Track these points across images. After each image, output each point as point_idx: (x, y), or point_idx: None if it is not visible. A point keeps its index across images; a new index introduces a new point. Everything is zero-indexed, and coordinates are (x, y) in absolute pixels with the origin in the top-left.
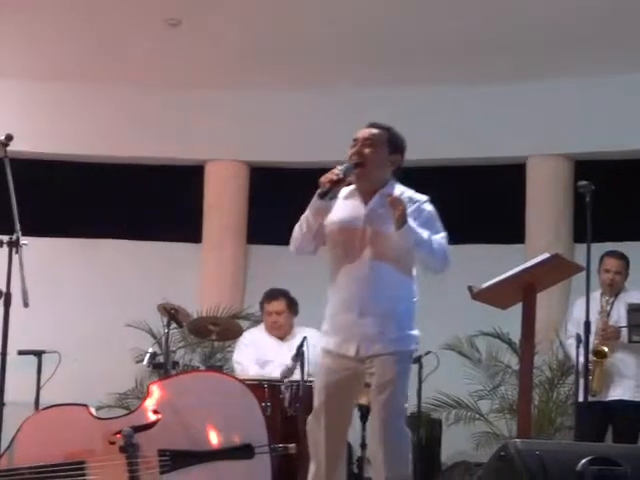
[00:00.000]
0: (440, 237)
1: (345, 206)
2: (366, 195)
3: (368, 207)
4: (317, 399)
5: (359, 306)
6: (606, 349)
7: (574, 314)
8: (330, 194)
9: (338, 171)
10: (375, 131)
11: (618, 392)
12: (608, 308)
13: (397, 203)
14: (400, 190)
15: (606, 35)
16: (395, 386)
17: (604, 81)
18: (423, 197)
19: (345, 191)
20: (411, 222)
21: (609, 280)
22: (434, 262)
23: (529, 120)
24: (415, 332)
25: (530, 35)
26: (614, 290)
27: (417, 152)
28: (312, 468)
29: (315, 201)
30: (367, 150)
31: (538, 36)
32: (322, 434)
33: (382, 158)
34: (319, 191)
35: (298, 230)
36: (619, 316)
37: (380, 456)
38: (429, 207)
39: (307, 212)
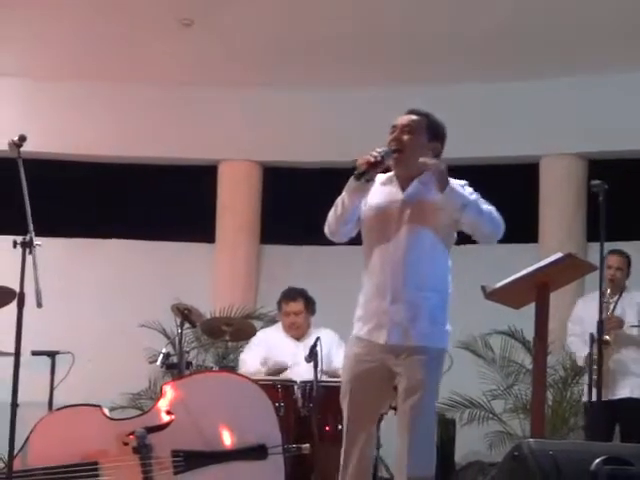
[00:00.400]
0: (489, 207)
1: (382, 191)
2: (404, 182)
3: (406, 193)
4: (343, 388)
5: (392, 292)
6: (608, 337)
7: (576, 313)
8: (366, 175)
9: (376, 153)
10: (414, 117)
11: (627, 391)
12: (612, 302)
13: (427, 163)
14: None
15: (622, 32)
16: (424, 388)
17: (618, 79)
18: (462, 181)
19: (383, 177)
20: (454, 184)
21: (610, 275)
22: (484, 224)
23: (542, 119)
24: (447, 327)
25: (543, 34)
26: (616, 286)
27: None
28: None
29: (351, 182)
30: (406, 137)
31: (550, 35)
32: (345, 423)
33: (421, 145)
34: (355, 172)
35: (333, 213)
36: (623, 314)
37: (405, 458)
38: (469, 189)
39: (343, 194)
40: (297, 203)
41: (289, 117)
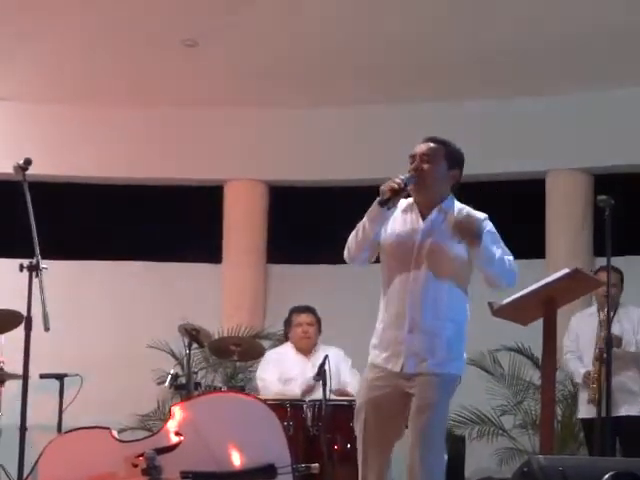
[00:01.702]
0: (509, 258)
1: (403, 219)
2: (424, 209)
3: (427, 221)
4: (357, 413)
5: (410, 322)
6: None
7: (570, 329)
8: (389, 203)
9: (399, 180)
10: (433, 146)
11: (625, 408)
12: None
13: (466, 223)
14: (459, 207)
15: (624, 48)
16: (434, 411)
17: (623, 94)
18: (482, 215)
19: (403, 204)
20: (486, 239)
21: (604, 292)
22: (501, 280)
23: (548, 135)
24: (464, 357)
25: (546, 50)
26: (611, 303)
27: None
28: None
29: (374, 208)
30: (426, 166)
31: (554, 51)
32: (360, 448)
33: (441, 173)
34: (379, 199)
35: (353, 237)
36: (621, 330)
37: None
38: (489, 225)
39: (364, 219)
40: (304, 222)
41: (294, 136)
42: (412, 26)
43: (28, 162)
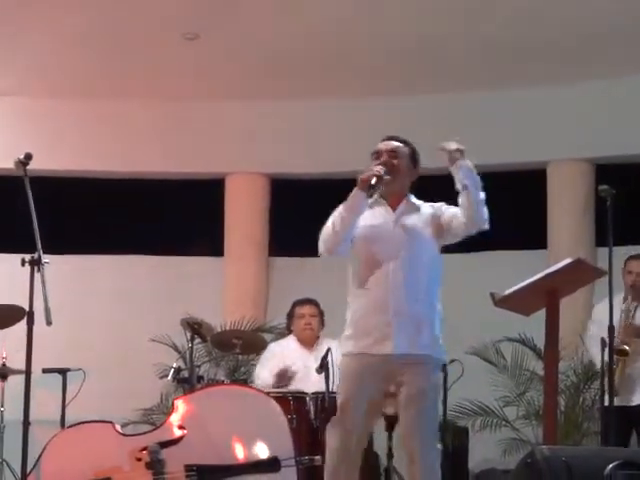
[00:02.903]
0: None
1: (372, 214)
2: (393, 202)
3: (397, 212)
4: (342, 405)
5: (393, 306)
6: (627, 347)
7: (596, 315)
8: (374, 189)
9: (379, 169)
10: (398, 144)
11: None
12: (632, 309)
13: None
14: (418, 202)
15: (624, 36)
16: (427, 398)
17: (623, 83)
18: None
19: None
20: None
21: (632, 281)
22: (480, 210)
23: (548, 125)
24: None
25: (549, 40)
26: (637, 292)
27: (437, 160)
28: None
29: (356, 195)
30: (395, 161)
31: (556, 41)
32: (337, 440)
33: (407, 169)
34: (362, 186)
35: (330, 231)
36: None
37: (415, 472)
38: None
39: (340, 211)
40: (305, 215)
41: (296, 129)
42: (410, 22)
43: (29, 157)
